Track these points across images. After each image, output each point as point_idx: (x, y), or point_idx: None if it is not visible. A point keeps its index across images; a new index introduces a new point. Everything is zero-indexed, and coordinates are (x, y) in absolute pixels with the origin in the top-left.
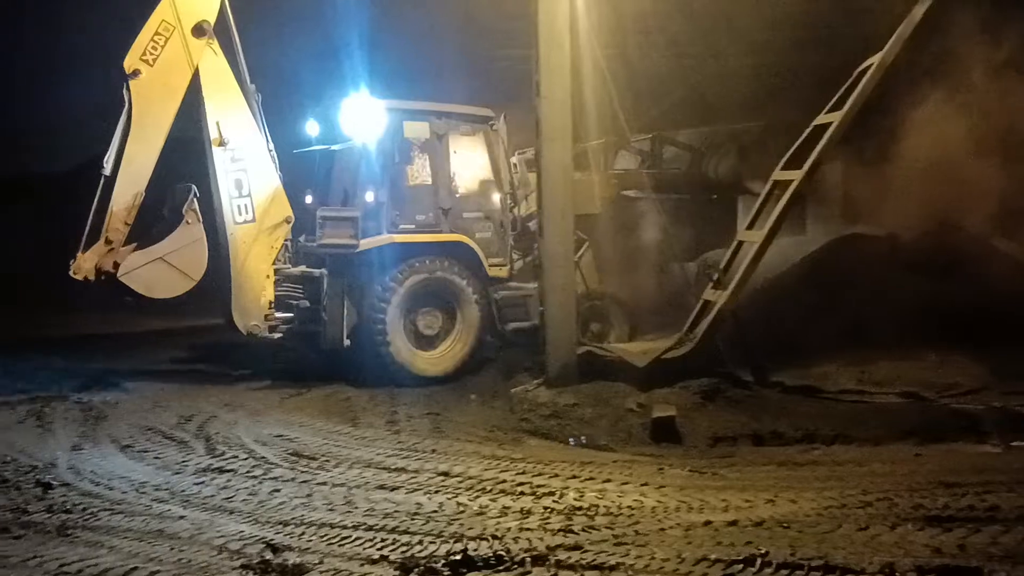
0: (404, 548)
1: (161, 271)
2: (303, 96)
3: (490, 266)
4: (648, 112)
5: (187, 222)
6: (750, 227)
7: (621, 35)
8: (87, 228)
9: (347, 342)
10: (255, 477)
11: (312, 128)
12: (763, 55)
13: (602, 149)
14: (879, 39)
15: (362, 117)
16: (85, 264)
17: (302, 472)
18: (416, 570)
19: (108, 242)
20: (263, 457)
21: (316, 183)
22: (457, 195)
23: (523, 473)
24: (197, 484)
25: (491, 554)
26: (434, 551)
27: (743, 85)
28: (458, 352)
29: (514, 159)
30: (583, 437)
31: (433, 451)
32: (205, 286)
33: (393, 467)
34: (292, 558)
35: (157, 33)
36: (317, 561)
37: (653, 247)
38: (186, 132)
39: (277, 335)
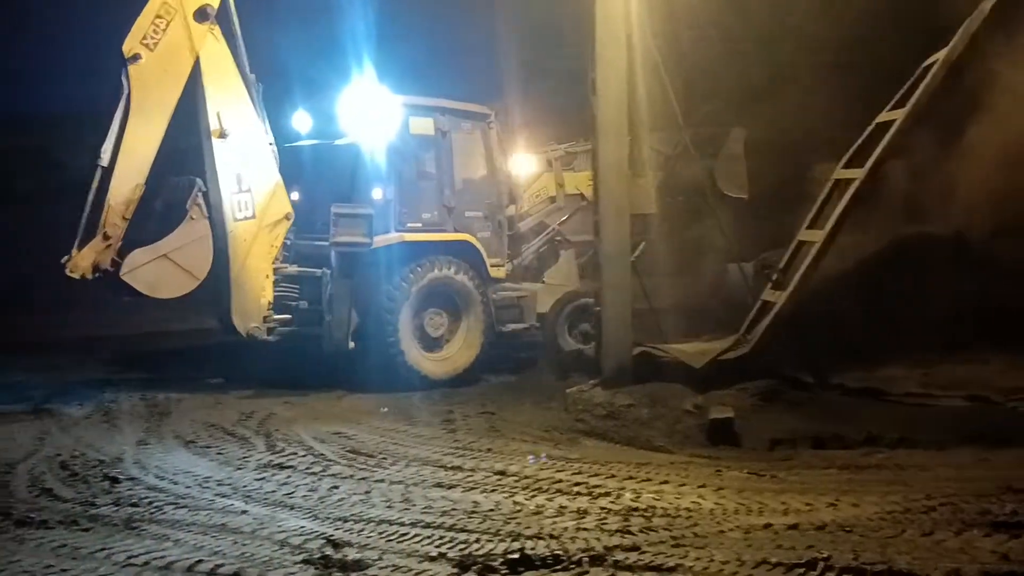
0: (462, 546)
1: (165, 269)
2: (297, 88)
3: (490, 266)
4: (699, 108)
5: (191, 217)
6: (811, 226)
7: (672, 29)
8: (83, 223)
9: (352, 344)
10: (314, 474)
11: (301, 122)
12: (820, 50)
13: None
14: (944, 34)
15: (369, 111)
16: (82, 261)
17: (360, 469)
18: (474, 568)
19: (106, 238)
20: (322, 454)
21: (304, 179)
22: (460, 193)
23: (579, 473)
24: (258, 480)
25: (548, 553)
26: (491, 549)
27: (798, 80)
28: (464, 354)
29: (556, 151)
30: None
31: (489, 450)
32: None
33: (449, 465)
34: (352, 554)
35: (158, 16)
36: (376, 557)
37: (707, 247)
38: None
39: (275, 338)
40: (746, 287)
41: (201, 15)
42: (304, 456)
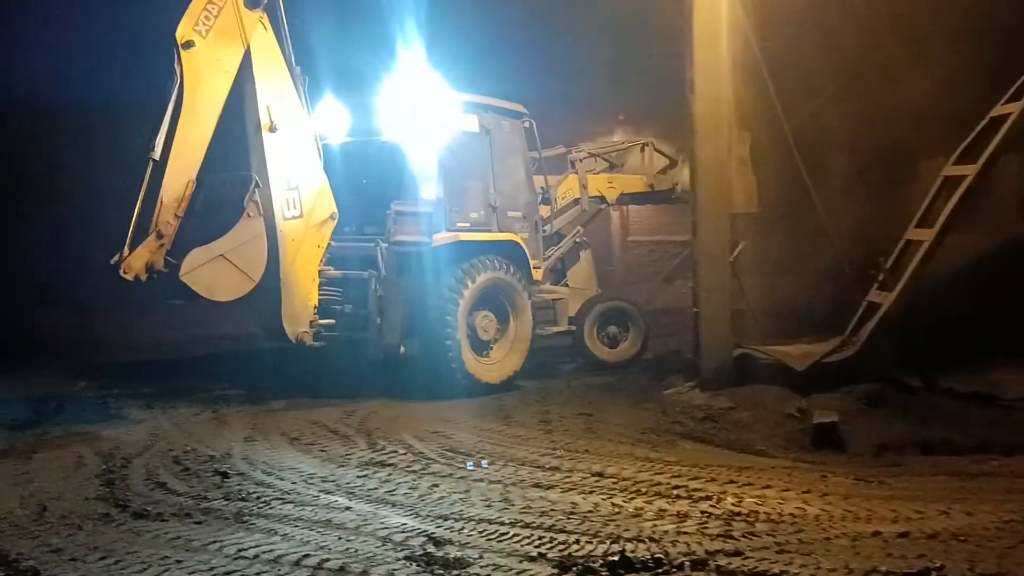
0: (561, 547)
1: (222, 270)
2: (327, 81)
3: (532, 268)
4: (802, 105)
5: (248, 215)
6: (919, 225)
7: (770, 28)
8: (133, 220)
9: (403, 349)
10: (414, 472)
11: (335, 117)
12: (927, 46)
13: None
14: None
15: (418, 107)
16: (136, 262)
17: (459, 468)
18: (574, 569)
19: (159, 237)
20: (421, 452)
21: (346, 178)
22: (502, 193)
23: (678, 476)
24: (360, 477)
25: (649, 556)
26: (591, 551)
27: (903, 79)
28: (513, 358)
29: (580, 153)
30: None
31: (586, 451)
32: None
33: (547, 466)
34: (453, 552)
35: (210, 2)
36: (477, 556)
37: (811, 246)
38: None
39: (320, 343)
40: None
41: (252, 2)
42: (404, 454)
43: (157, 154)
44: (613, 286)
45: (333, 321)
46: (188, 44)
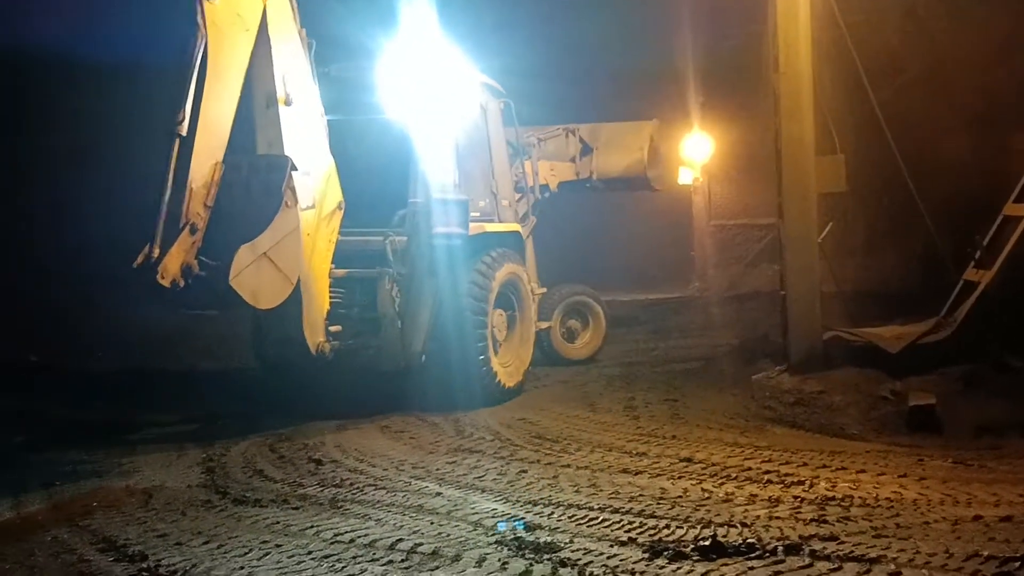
0: (651, 532)
1: (265, 272)
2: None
3: None
4: (883, 87)
5: (287, 204)
6: (1018, 200)
7: (850, 3)
8: (162, 210)
9: (423, 358)
10: (502, 458)
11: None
12: (1017, 20)
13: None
14: None
15: (430, 80)
16: (172, 265)
17: (546, 454)
18: (665, 554)
19: (193, 231)
20: (508, 439)
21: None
22: (497, 179)
23: (769, 461)
24: (449, 463)
25: (741, 541)
26: (682, 535)
27: (991, 54)
28: (523, 356)
29: (529, 138)
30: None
31: (673, 437)
32: None
33: (634, 452)
34: (543, 536)
35: None
36: (567, 540)
37: (903, 227)
38: None
39: (332, 355)
40: (946, 267)
41: None
42: (492, 441)
43: (184, 129)
44: (693, 272)
45: (340, 328)
46: None
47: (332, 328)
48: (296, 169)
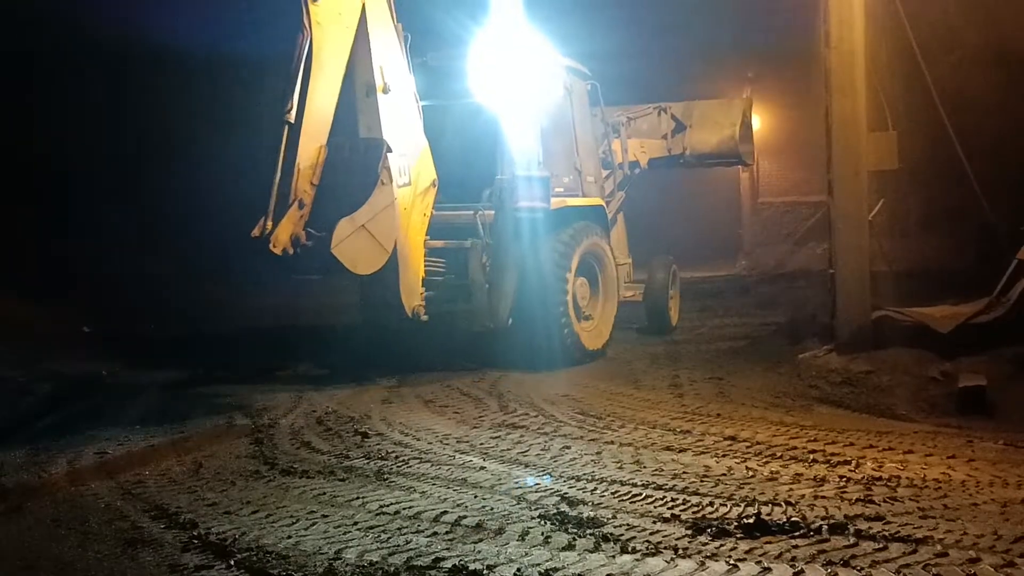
0: (695, 509)
1: (363, 242)
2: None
3: None
4: (937, 64)
5: (382, 182)
6: None
7: None
8: (275, 188)
9: (510, 320)
10: (546, 434)
11: (423, 79)
12: None
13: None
14: None
15: (517, 67)
16: (282, 235)
17: (590, 431)
18: (708, 531)
19: (301, 206)
20: (552, 415)
21: (436, 143)
22: (582, 157)
23: (815, 440)
24: (493, 438)
25: (785, 519)
26: (725, 513)
27: None
28: (608, 323)
29: (620, 117)
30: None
31: (718, 415)
32: None
33: (678, 429)
34: (586, 512)
35: None
36: (610, 516)
37: (956, 205)
38: None
39: (427, 317)
40: (999, 246)
41: None
42: (535, 417)
43: (292, 117)
44: (740, 250)
45: (433, 293)
46: None
47: (427, 293)
48: (392, 151)
